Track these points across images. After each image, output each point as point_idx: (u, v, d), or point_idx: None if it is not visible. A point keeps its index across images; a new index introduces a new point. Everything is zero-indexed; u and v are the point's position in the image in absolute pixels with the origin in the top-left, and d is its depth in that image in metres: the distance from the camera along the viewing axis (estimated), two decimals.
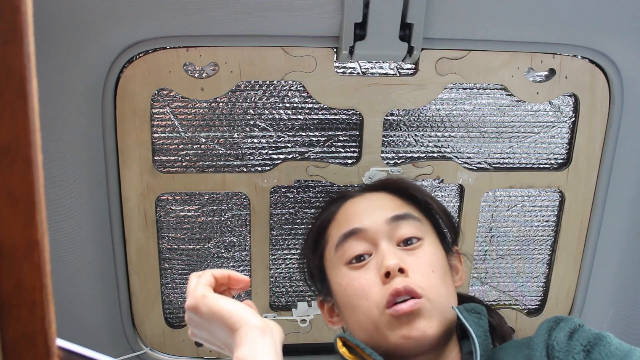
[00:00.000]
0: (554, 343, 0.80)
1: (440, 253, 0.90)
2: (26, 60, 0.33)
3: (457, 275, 0.96)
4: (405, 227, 0.88)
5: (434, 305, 0.83)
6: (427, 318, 0.81)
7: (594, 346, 0.77)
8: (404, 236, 0.88)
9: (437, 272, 0.86)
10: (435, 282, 0.84)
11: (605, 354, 0.75)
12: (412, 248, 0.88)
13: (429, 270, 0.85)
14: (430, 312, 0.82)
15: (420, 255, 0.86)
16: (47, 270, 0.35)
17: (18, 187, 0.34)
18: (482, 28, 1.06)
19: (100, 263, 1.15)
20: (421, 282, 0.83)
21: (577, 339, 0.79)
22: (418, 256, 0.87)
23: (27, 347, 0.36)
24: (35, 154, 0.34)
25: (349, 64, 1.12)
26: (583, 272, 1.28)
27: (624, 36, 1.09)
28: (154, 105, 1.10)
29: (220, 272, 0.76)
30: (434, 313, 0.82)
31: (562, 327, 0.82)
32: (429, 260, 0.86)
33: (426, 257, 0.86)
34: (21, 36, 0.32)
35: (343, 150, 1.18)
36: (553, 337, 0.81)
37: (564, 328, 0.82)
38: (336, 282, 0.91)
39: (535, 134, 1.22)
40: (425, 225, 0.92)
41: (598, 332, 0.80)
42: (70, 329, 1.17)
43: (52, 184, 1.06)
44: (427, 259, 0.86)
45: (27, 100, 0.33)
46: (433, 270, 0.85)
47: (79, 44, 0.99)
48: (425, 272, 0.85)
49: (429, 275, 0.84)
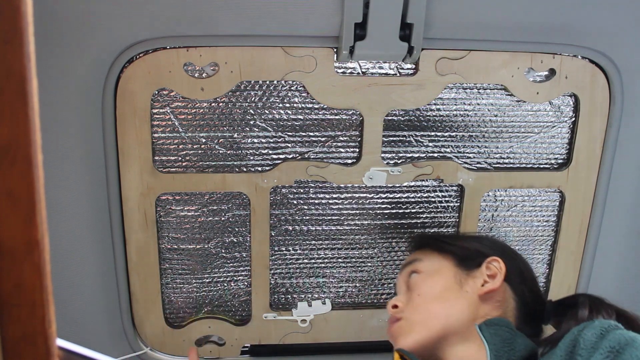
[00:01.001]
0: (581, 340, 0.81)
1: (435, 277, 1.02)
2: (26, 60, 0.33)
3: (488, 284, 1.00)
4: (408, 270, 1.07)
5: (413, 323, 0.98)
6: (403, 335, 0.98)
7: (624, 347, 0.77)
8: (407, 276, 1.06)
9: (424, 295, 1.00)
10: (417, 303, 1.00)
11: (635, 356, 0.75)
12: (410, 283, 1.05)
13: (416, 295, 1.01)
14: (406, 330, 0.98)
15: (411, 285, 1.04)
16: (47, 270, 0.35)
17: (18, 187, 0.34)
18: (482, 28, 1.06)
19: (100, 263, 1.15)
20: (403, 306, 1.02)
21: (609, 338, 0.79)
22: (410, 286, 1.04)
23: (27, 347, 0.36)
24: (35, 154, 0.34)
25: (349, 64, 1.12)
26: (583, 272, 1.28)
27: (624, 36, 1.09)
28: (154, 105, 1.10)
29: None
30: (411, 330, 0.97)
31: (596, 325, 0.83)
32: (416, 288, 1.02)
33: (415, 285, 1.03)
34: (21, 36, 0.32)
35: (343, 150, 1.18)
36: (582, 335, 0.82)
37: (597, 327, 0.82)
38: None
39: (535, 134, 1.22)
40: (428, 260, 1.05)
41: (633, 335, 0.79)
42: (70, 329, 1.17)
43: (52, 184, 1.06)
44: (415, 287, 1.02)
45: (27, 100, 0.33)
46: (419, 294, 1.00)
47: (79, 44, 0.99)
48: (411, 298, 1.02)
49: (413, 299, 1.01)
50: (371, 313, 1.30)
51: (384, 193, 1.23)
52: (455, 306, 0.97)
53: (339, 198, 1.22)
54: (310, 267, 1.27)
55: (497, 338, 0.91)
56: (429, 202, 1.25)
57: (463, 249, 1.05)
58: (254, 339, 1.28)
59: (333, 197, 1.22)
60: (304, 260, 1.26)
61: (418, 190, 1.24)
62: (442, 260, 1.04)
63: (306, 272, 1.27)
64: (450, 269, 1.02)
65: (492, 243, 1.08)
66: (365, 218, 1.24)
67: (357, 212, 1.24)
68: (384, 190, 1.23)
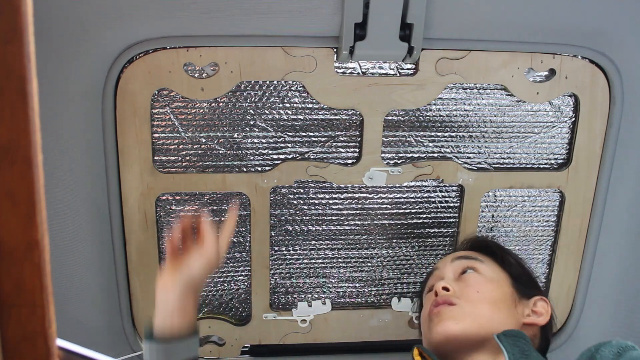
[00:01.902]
0: (598, 357, 0.85)
1: (496, 285, 1.03)
2: (26, 60, 0.33)
3: (536, 316, 1.04)
4: (464, 263, 1.06)
5: (466, 313, 0.97)
6: (454, 320, 0.96)
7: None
8: (460, 269, 1.06)
9: (483, 293, 1.00)
10: (474, 298, 0.99)
11: None
12: (465, 276, 1.04)
13: (474, 290, 1.01)
14: (459, 317, 0.97)
15: (469, 279, 1.03)
16: (47, 270, 0.35)
17: (18, 187, 0.34)
18: (482, 28, 1.06)
19: (100, 263, 1.15)
20: (461, 295, 1.00)
21: (626, 357, 0.84)
22: (467, 280, 1.03)
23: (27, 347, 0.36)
24: (35, 154, 0.34)
25: (349, 64, 1.12)
26: (583, 272, 1.28)
27: (624, 36, 1.09)
28: (154, 105, 1.10)
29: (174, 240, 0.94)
30: (464, 319, 0.96)
31: (614, 345, 0.87)
32: (476, 284, 1.02)
33: (474, 281, 1.02)
34: (21, 36, 0.32)
35: (343, 150, 1.18)
36: (599, 352, 0.86)
37: (614, 346, 0.87)
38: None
39: (535, 134, 1.22)
40: (487, 265, 1.06)
41: None
42: (70, 329, 1.17)
43: (52, 184, 1.06)
44: (475, 283, 1.02)
45: (27, 100, 0.33)
46: (478, 291, 1.00)
47: (79, 44, 0.99)
48: (469, 291, 1.01)
49: (471, 294, 1.00)
50: (371, 313, 1.30)
51: (384, 193, 1.23)
52: (505, 320, 0.99)
53: (339, 198, 1.22)
54: (310, 267, 1.27)
55: (515, 349, 0.93)
56: (429, 202, 1.25)
57: (523, 275, 1.09)
58: (254, 339, 1.28)
59: (333, 197, 1.22)
60: (304, 260, 1.26)
61: (418, 190, 1.24)
62: (501, 273, 1.07)
63: (306, 272, 1.27)
64: (508, 285, 1.05)
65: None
66: (365, 218, 1.24)
67: (357, 212, 1.24)
68: (384, 190, 1.23)
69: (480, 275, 1.04)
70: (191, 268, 0.93)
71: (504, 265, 1.08)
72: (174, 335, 0.91)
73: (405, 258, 1.28)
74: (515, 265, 1.09)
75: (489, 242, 1.17)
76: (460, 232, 1.25)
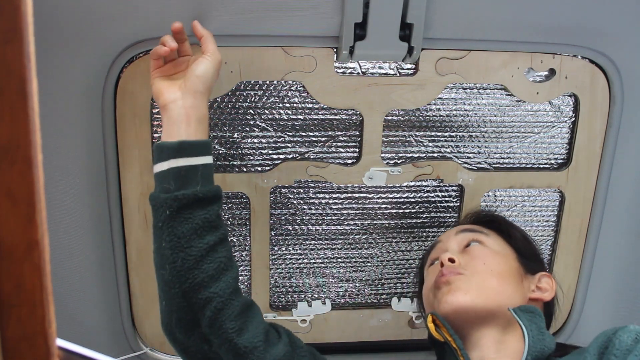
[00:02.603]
0: (616, 341, 0.82)
1: (502, 258, 1.01)
2: (26, 60, 0.33)
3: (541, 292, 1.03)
4: (470, 236, 1.04)
5: (473, 284, 0.94)
6: (463, 290, 0.93)
7: None
8: (465, 241, 1.04)
9: (490, 265, 0.97)
10: (482, 271, 0.96)
11: None
12: (470, 248, 1.02)
13: (480, 262, 0.98)
14: (468, 287, 0.94)
15: (475, 251, 1.00)
16: (47, 270, 0.35)
17: (18, 187, 0.34)
18: (482, 28, 1.06)
19: (100, 263, 1.15)
20: (467, 267, 0.97)
21: None
22: (473, 252, 1.01)
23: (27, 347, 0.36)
24: (35, 154, 0.34)
25: (349, 64, 1.12)
26: (583, 272, 1.28)
27: (624, 36, 1.09)
28: (154, 105, 1.10)
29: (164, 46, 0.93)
30: (472, 289, 0.94)
31: (632, 330, 0.85)
32: (482, 256, 0.99)
33: (480, 253, 1.00)
34: (21, 36, 0.32)
35: (343, 150, 1.18)
36: (617, 336, 0.83)
37: (632, 331, 0.84)
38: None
39: (535, 134, 1.22)
40: (492, 238, 1.04)
41: None
42: (70, 329, 1.17)
43: (52, 184, 1.06)
44: (481, 255, 0.99)
45: (27, 100, 0.33)
46: (485, 263, 0.97)
47: (79, 43, 0.99)
48: (475, 263, 0.98)
49: (478, 265, 0.97)
50: (371, 313, 1.30)
51: (384, 193, 1.23)
52: (513, 294, 0.97)
53: (339, 198, 1.22)
54: (310, 267, 1.27)
55: (533, 325, 0.92)
56: (429, 202, 1.25)
57: (528, 250, 1.07)
58: None
59: (333, 197, 1.22)
60: (304, 260, 1.26)
61: (418, 190, 1.24)
62: (507, 247, 1.04)
63: (306, 272, 1.27)
64: (514, 260, 1.03)
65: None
66: (365, 218, 1.24)
67: (357, 212, 1.24)
68: (384, 190, 1.23)
69: (486, 247, 1.01)
70: (193, 68, 0.93)
71: (510, 239, 1.06)
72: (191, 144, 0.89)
73: (405, 258, 1.28)
74: (521, 239, 1.07)
75: (494, 216, 1.14)
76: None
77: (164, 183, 0.89)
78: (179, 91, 0.92)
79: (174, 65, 0.97)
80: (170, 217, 0.88)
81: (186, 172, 0.89)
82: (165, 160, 0.89)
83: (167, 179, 0.89)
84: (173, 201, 0.87)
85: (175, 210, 0.88)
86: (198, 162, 0.89)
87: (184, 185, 0.88)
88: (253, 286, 1.24)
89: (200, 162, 0.90)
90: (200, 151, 0.90)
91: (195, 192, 0.88)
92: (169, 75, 0.95)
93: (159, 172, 0.91)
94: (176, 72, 0.96)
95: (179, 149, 0.89)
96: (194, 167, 0.89)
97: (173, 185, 0.88)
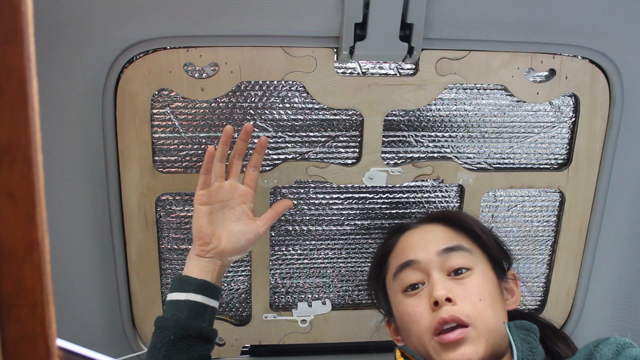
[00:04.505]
0: (597, 354, 0.83)
1: (489, 281, 0.95)
2: (26, 60, 0.33)
3: (512, 298, 1.01)
4: (455, 258, 0.95)
5: (480, 332, 0.88)
6: (473, 345, 0.87)
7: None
8: (454, 267, 0.95)
9: (485, 300, 0.91)
10: (482, 310, 0.90)
11: None
12: (461, 277, 0.94)
13: (477, 298, 0.91)
14: (476, 339, 0.88)
15: (469, 284, 0.92)
16: (47, 270, 0.35)
17: (18, 187, 0.34)
18: (482, 28, 1.06)
19: (100, 263, 1.15)
20: (468, 310, 0.89)
21: (625, 355, 0.81)
22: (467, 285, 0.92)
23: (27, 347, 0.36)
24: (35, 154, 0.34)
25: (349, 64, 1.12)
26: (583, 272, 1.28)
27: (624, 36, 1.09)
28: (154, 105, 1.10)
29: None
30: (480, 340, 0.88)
31: (612, 342, 0.85)
32: (477, 289, 0.92)
33: (475, 286, 0.92)
34: (21, 36, 0.32)
35: (343, 151, 1.18)
36: (598, 350, 0.84)
37: (613, 343, 0.84)
38: (395, 307, 1.01)
39: (535, 134, 1.22)
40: (475, 255, 0.97)
41: None
42: (70, 329, 1.17)
43: (52, 184, 1.06)
44: (476, 288, 0.92)
45: (27, 100, 0.33)
46: (481, 298, 0.91)
47: (79, 44, 0.99)
48: (473, 301, 0.91)
49: (477, 304, 0.90)
50: (371, 313, 1.30)
51: (384, 193, 1.23)
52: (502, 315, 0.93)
53: (339, 198, 1.22)
54: (310, 267, 1.27)
55: (525, 345, 0.89)
56: (429, 202, 1.25)
57: (496, 249, 1.00)
58: (254, 339, 1.28)
59: (333, 197, 1.22)
60: (304, 260, 1.26)
61: (418, 191, 1.24)
62: (482, 256, 0.98)
63: (306, 272, 1.27)
64: (491, 271, 0.97)
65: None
66: (366, 218, 1.24)
67: (357, 213, 1.24)
68: (384, 190, 1.23)
69: (477, 274, 0.94)
70: (238, 237, 1.01)
71: (482, 246, 0.98)
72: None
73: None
74: (489, 240, 0.99)
75: (465, 217, 1.03)
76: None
77: (176, 311, 0.96)
78: (216, 242, 1.00)
79: (217, 191, 1.02)
80: (173, 343, 0.94)
81: (199, 309, 0.96)
82: (185, 292, 0.97)
83: (181, 309, 0.96)
84: (180, 329, 0.94)
85: (179, 337, 0.94)
86: (211, 303, 0.98)
87: (194, 319, 0.96)
88: (253, 286, 1.24)
89: (212, 304, 0.98)
90: (216, 295, 0.99)
91: (201, 328, 0.96)
92: (211, 204, 1.01)
93: (174, 300, 0.97)
94: (218, 200, 1.02)
95: (201, 287, 0.98)
96: (205, 307, 0.97)
97: (184, 315, 0.95)
